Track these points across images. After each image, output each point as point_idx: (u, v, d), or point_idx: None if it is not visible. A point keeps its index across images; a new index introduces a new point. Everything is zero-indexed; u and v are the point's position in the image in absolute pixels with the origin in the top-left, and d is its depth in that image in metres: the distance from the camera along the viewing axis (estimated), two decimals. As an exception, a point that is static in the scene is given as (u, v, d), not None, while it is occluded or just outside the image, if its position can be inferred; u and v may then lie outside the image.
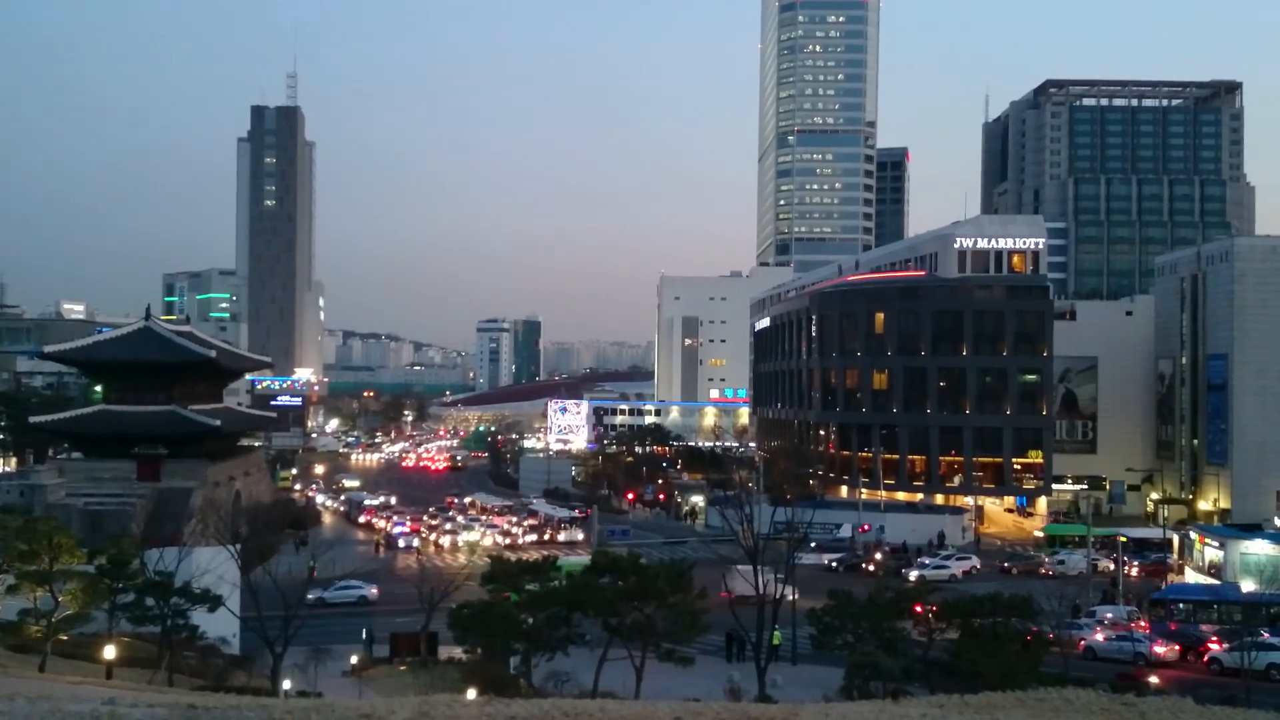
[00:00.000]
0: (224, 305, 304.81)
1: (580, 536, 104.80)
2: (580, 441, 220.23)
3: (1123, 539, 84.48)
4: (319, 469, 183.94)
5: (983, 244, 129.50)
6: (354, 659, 55.31)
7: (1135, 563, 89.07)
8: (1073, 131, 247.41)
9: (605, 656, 47.41)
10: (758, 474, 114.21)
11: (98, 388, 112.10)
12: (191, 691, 42.60)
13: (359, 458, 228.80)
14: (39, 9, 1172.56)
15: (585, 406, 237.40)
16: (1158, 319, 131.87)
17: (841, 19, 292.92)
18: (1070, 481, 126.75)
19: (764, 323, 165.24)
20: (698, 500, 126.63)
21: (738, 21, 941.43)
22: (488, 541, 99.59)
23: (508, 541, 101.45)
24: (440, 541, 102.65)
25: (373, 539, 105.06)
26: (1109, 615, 67.35)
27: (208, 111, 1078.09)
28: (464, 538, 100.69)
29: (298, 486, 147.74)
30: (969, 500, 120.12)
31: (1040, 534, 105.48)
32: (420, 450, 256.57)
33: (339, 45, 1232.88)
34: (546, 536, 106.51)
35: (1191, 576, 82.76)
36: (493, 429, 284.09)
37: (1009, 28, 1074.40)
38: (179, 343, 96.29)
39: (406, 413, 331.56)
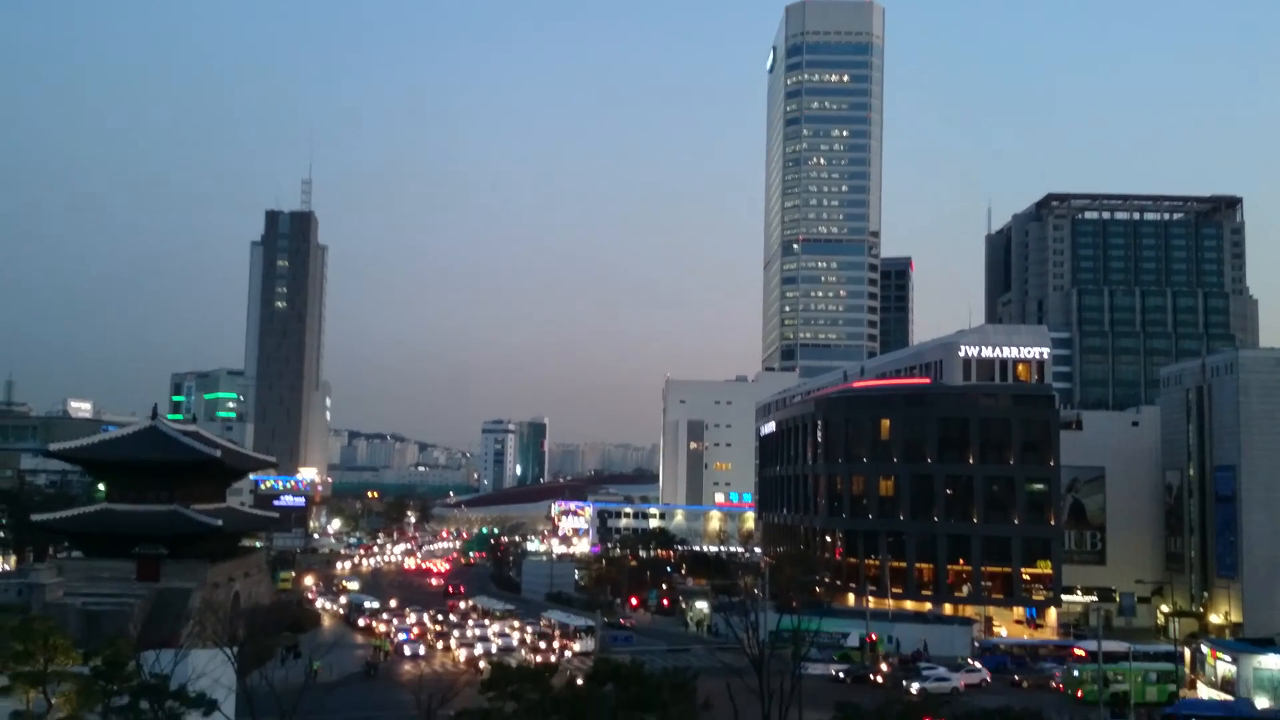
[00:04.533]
0: (231, 405, 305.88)
1: (594, 646, 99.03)
2: (584, 545, 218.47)
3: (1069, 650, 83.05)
4: (319, 570, 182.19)
5: (988, 353, 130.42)
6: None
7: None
8: (1075, 244, 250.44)
9: (606, 768, 46.36)
10: (763, 580, 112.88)
11: (101, 486, 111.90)
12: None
13: (361, 559, 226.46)
14: (54, 107, 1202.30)
15: (589, 509, 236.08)
16: (1164, 430, 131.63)
17: (845, 133, 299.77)
18: (1080, 593, 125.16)
19: (769, 427, 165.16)
20: (702, 606, 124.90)
21: (743, 132, 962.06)
22: (495, 650, 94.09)
23: (525, 652, 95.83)
24: (450, 647, 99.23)
25: (372, 643, 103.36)
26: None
27: (220, 214, 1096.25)
28: (479, 648, 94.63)
29: (309, 595, 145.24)
30: (977, 610, 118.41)
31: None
32: (422, 551, 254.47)
33: (350, 149, 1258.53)
34: (557, 645, 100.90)
35: (1204, 692, 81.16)
36: (496, 531, 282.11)
37: (1011, 141, 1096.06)
38: (184, 442, 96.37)
39: (409, 514, 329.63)
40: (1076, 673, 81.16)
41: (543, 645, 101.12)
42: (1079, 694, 78.46)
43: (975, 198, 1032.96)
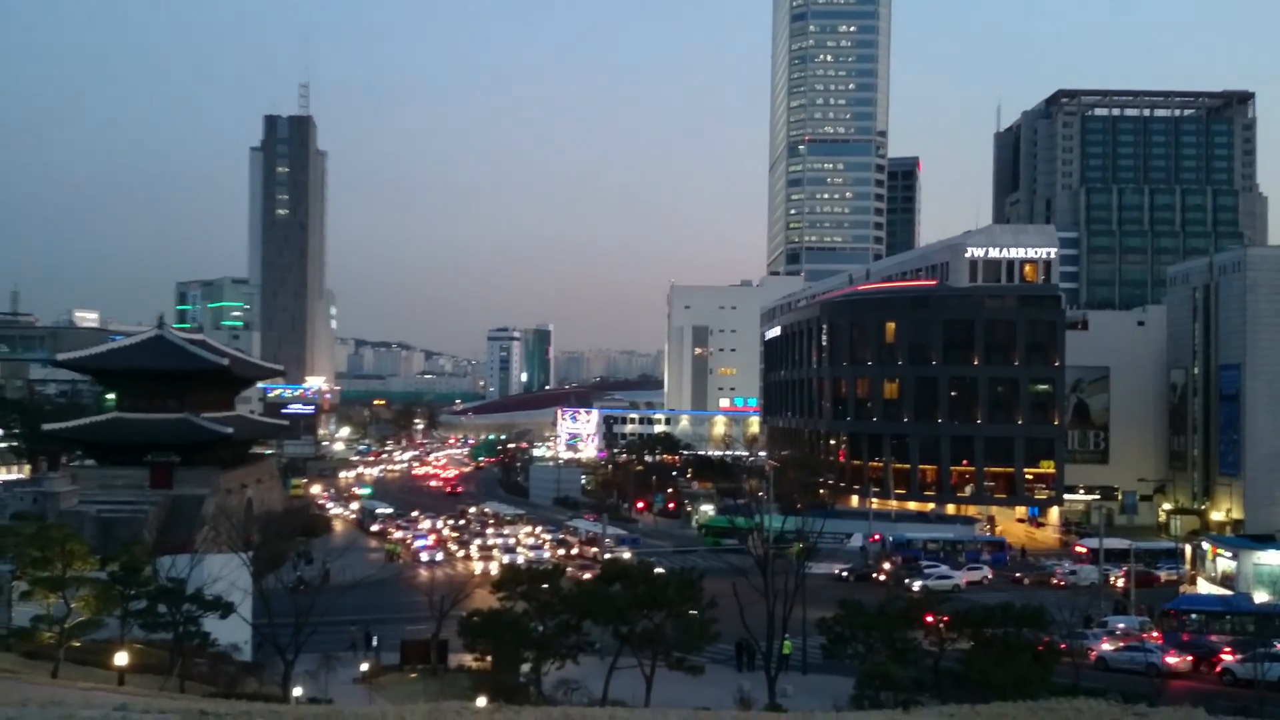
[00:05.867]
0: (236, 314, 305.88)
1: (628, 556, 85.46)
2: (590, 450, 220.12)
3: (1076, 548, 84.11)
4: (329, 477, 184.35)
5: (994, 253, 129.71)
6: (364, 666, 55.38)
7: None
8: (1085, 141, 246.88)
9: (615, 665, 47.37)
10: (768, 483, 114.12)
11: (111, 395, 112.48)
12: (203, 698, 42.71)
13: (370, 467, 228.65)
14: (50, 19, 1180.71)
15: (595, 415, 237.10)
16: (1170, 329, 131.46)
17: (853, 29, 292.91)
18: (1082, 491, 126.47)
19: (774, 332, 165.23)
20: (708, 509, 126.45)
21: (749, 30, 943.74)
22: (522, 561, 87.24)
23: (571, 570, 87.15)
24: (470, 556, 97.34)
25: (385, 548, 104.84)
26: (1121, 626, 67.04)
27: (220, 121, 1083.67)
28: (505, 559, 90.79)
29: (321, 501, 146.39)
30: (980, 510, 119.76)
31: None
32: (431, 458, 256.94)
33: (349, 54, 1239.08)
34: (577, 553, 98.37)
35: (1204, 587, 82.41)
36: (503, 437, 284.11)
37: (1020, 38, 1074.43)
38: (192, 351, 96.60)
39: (417, 421, 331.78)
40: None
41: (563, 551, 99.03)
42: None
43: (985, 95, 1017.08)
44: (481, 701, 38.57)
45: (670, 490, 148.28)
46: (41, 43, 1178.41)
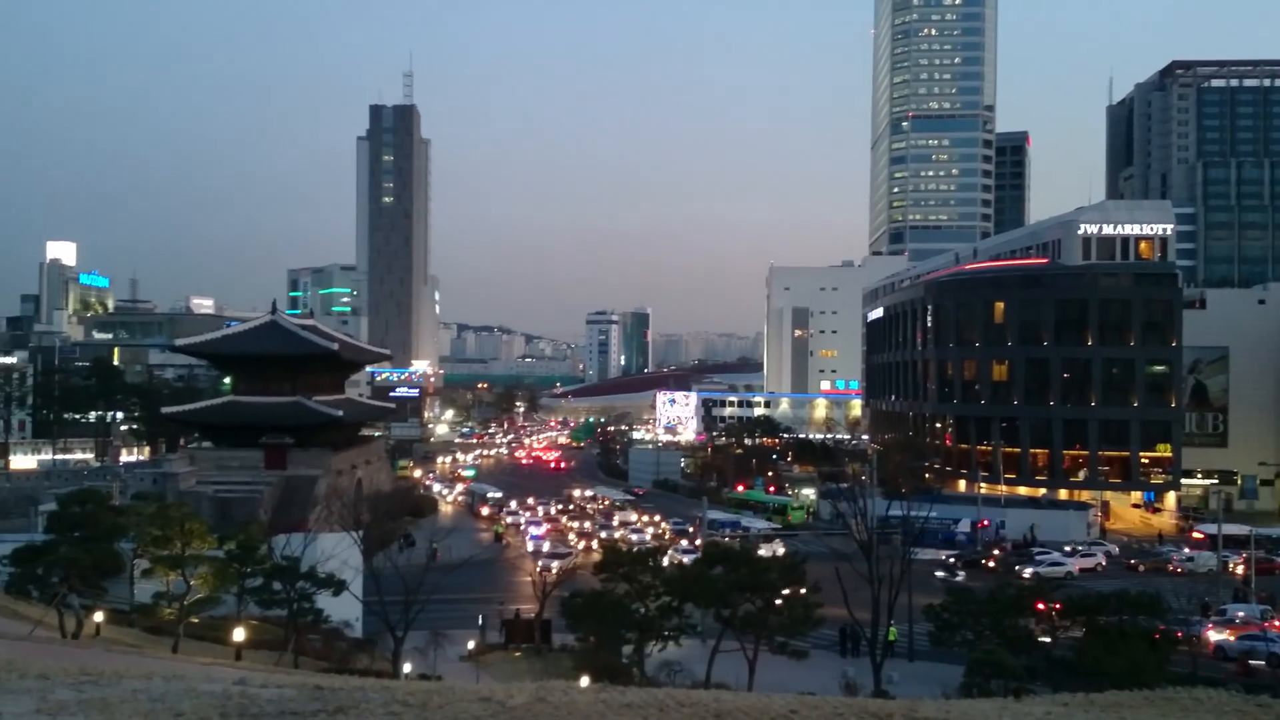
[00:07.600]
0: (345, 300, 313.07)
1: (780, 551, 78.57)
2: (689, 433, 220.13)
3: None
4: (434, 458, 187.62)
5: (1108, 230, 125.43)
6: (471, 644, 56.26)
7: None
8: (1201, 114, 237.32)
9: (718, 648, 47.27)
10: (871, 467, 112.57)
11: (226, 379, 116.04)
12: (317, 673, 43.87)
13: (473, 448, 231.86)
14: (168, 16, 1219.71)
15: (694, 398, 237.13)
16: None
17: (958, 0, 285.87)
18: (1200, 476, 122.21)
19: (877, 313, 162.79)
20: (809, 493, 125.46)
21: (850, 5, 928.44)
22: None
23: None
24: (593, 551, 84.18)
25: (493, 529, 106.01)
26: (1241, 614, 64.54)
27: (329, 112, 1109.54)
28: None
29: (427, 481, 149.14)
30: (1093, 495, 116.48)
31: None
32: (531, 440, 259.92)
33: (452, 41, 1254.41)
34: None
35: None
36: (602, 420, 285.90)
37: (1132, 7, 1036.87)
38: (303, 336, 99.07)
39: (518, 404, 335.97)
40: None
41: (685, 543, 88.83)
42: None
43: (1096, 67, 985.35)
44: (585, 681, 38.80)
45: (770, 474, 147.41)
46: (155, 38, 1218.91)
